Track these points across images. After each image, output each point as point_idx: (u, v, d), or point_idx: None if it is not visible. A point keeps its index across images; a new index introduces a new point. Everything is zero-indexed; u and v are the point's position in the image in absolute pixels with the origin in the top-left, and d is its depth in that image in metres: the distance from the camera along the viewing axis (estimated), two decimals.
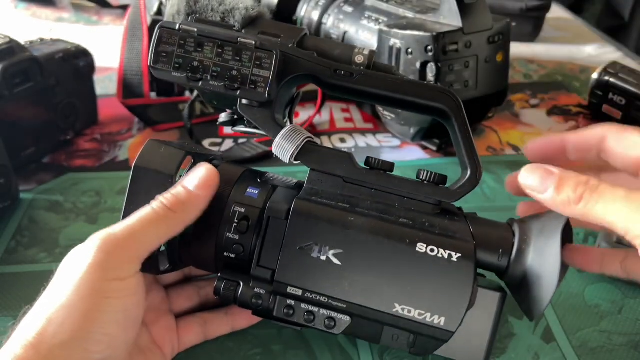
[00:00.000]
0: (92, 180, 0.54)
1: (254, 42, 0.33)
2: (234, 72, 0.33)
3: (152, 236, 0.31)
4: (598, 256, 0.36)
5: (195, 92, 0.58)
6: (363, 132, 0.63)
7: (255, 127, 0.37)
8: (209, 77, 0.34)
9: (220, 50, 0.34)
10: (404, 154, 0.59)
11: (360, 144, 0.61)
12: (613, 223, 0.29)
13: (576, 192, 0.29)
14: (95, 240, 0.30)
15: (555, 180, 0.29)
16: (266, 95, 0.33)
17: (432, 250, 0.31)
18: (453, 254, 0.31)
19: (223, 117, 0.41)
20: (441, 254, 0.31)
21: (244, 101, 0.34)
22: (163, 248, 0.34)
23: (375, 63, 0.36)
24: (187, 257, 0.35)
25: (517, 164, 0.58)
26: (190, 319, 0.37)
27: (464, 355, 0.33)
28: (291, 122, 0.38)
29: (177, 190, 0.32)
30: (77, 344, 0.27)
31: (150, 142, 0.35)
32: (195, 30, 0.33)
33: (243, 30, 0.35)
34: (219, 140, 0.61)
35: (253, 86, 0.33)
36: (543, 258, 0.31)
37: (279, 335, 0.39)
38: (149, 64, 0.34)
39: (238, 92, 0.34)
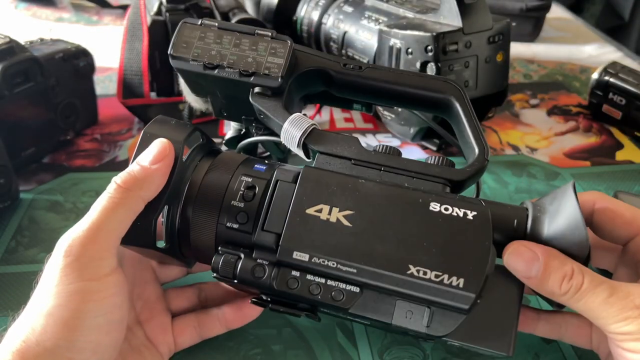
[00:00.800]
0: (92, 180, 0.54)
1: (270, 34, 0.35)
2: (250, 60, 0.35)
3: (114, 223, 0.30)
4: (534, 317, 0.36)
5: None
6: (363, 132, 0.63)
7: (262, 135, 0.37)
8: (225, 64, 0.35)
9: (238, 42, 0.35)
10: (404, 154, 0.59)
11: None
12: (592, 319, 0.30)
13: (561, 287, 0.29)
14: (61, 246, 0.29)
15: (540, 267, 0.29)
16: (279, 79, 0.34)
17: (446, 209, 0.30)
18: (468, 212, 0.30)
19: (229, 134, 0.43)
20: (456, 213, 0.30)
21: (257, 90, 0.35)
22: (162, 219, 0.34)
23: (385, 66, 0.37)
24: (186, 242, 0.34)
25: (517, 164, 0.58)
26: (185, 319, 0.37)
27: (489, 342, 0.30)
28: None
29: (131, 167, 0.32)
30: (61, 352, 0.27)
31: (160, 117, 0.35)
32: (216, 24, 0.36)
33: None
34: (219, 140, 0.61)
35: (267, 72, 0.35)
36: (560, 218, 0.30)
37: (279, 335, 0.39)
38: (168, 52, 0.36)
39: (252, 78, 0.35)
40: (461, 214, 0.30)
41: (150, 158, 0.32)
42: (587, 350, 0.36)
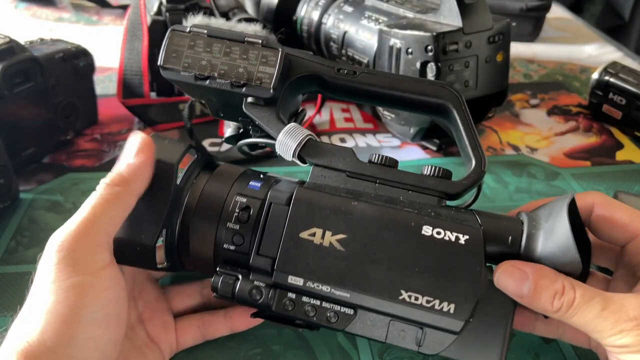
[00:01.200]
0: (92, 180, 0.53)
1: (260, 41, 0.34)
2: (241, 69, 0.34)
3: (106, 219, 0.30)
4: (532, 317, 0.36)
5: None
6: (363, 132, 0.63)
7: (260, 137, 0.37)
8: (216, 75, 0.34)
9: (228, 50, 0.34)
10: (404, 154, 0.59)
11: (360, 144, 0.61)
12: (588, 332, 0.30)
13: (553, 305, 0.29)
14: (52, 242, 0.29)
15: (530, 286, 0.30)
16: (271, 90, 0.34)
17: (438, 233, 0.30)
18: (460, 236, 0.30)
19: (228, 132, 0.42)
20: (448, 237, 0.30)
21: (250, 99, 0.35)
22: (160, 242, 0.34)
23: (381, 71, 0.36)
24: (186, 256, 0.35)
25: (517, 164, 0.58)
26: (189, 319, 0.37)
27: (478, 358, 0.31)
28: None
29: (116, 166, 0.32)
30: (62, 349, 0.27)
31: (153, 135, 0.35)
32: (205, 31, 0.35)
33: None
34: (218, 140, 0.61)
35: (259, 82, 0.34)
36: (553, 237, 0.30)
37: (279, 335, 0.39)
38: (159, 63, 0.35)
39: (244, 89, 0.34)
40: (453, 238, 0.30)
41: (132, 153, 0.32)
42: (587, 350, 0.36)
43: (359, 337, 0.38)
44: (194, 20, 0.39)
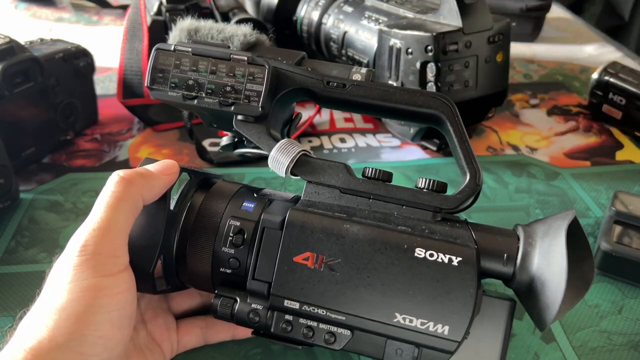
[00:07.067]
0: (92, 180, 0.54)
1: (246, 58, 0.34)
2: (228, 88, 0.34)
3: (122, 220, 0.31)
4: None
5: None
6: (363, 132, 0.63)
7: (255, 147, 0.37)
8: (203, 94, 0.34)
9: (214, 68, 0.34)
10: (404, 154, 0.59)
11: (360, 144, 0.61)
12: None
13: None
14: (74, 244, 0.29)
15: None
16: (259, 108, 0.33)
17: (431, 255, 0.30)
18: (453, 258, 0.30)
19: (225, 140, 0.42)
20: (441, 259, 0.30)
21: (240, 117, 0.34)
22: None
23: (373, 81, 0.36)
24: (185, 277, 0.35)
25: (517, 164, 0.58)
26: (192, 320, 0.37)
27: None
28: None
29: (136, 169, 0.33)
30: (73, 347, 0.27)
31: (146, 159, 0.35)
32: (190, 49, 0.34)
33: None
34: (218, 140, 0.61)
35: (247, 100, 0.34)
36: (549, 260, 0.30)
37: None
38: (146, 84, 0.35)
39: (232, 108, 0.34)
40: (446, 260, 0.30)
41: (157, 167, 0.33)
42: (587, 350, 0.36)
43: None
44: (184, 24, 0.39)
